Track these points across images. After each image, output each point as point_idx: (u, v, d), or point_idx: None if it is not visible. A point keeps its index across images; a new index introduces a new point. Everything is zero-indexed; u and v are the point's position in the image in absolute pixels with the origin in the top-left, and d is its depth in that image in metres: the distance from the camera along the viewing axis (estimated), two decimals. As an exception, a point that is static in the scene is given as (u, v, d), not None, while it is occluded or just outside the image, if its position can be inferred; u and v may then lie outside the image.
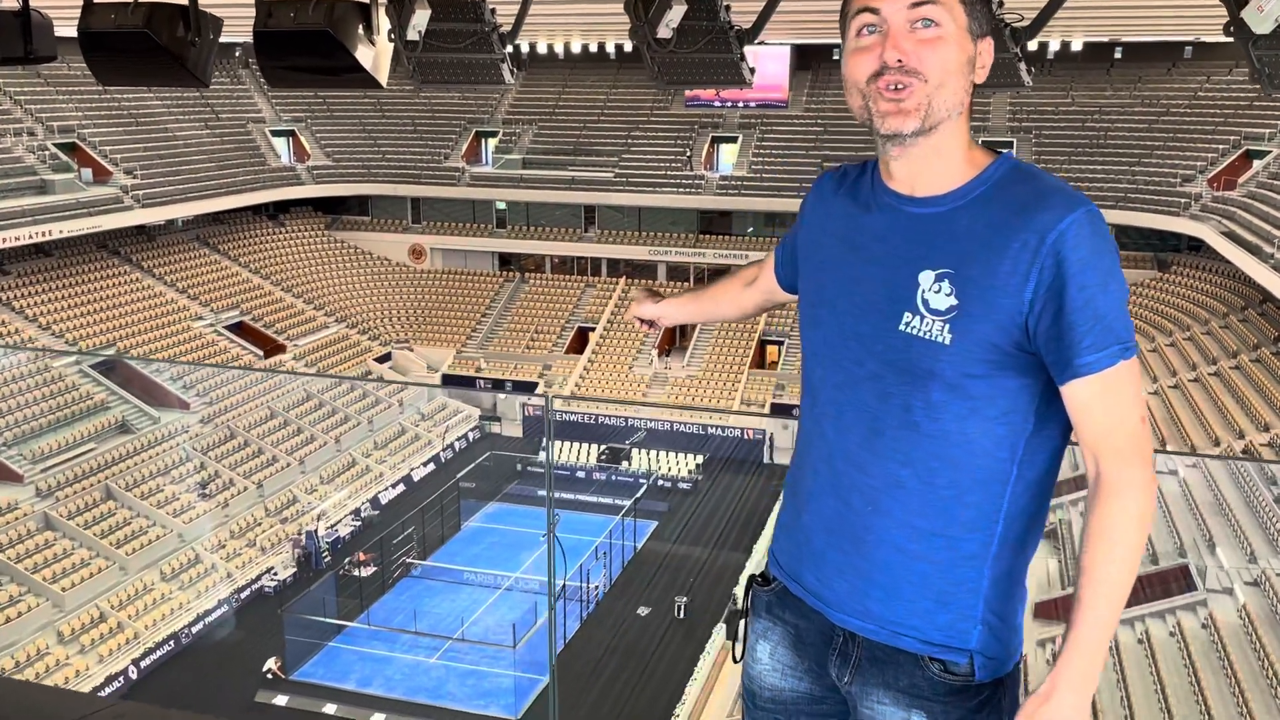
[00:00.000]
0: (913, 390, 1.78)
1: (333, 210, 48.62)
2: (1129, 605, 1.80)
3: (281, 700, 22.47)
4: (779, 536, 2.17)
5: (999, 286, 1.71)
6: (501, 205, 47.19)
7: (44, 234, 35.10)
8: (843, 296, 1.90)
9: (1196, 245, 37.21)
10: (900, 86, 1.73)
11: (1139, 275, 38.47)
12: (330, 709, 22.25)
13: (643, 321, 2.81)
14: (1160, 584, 21.28)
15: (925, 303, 1.76)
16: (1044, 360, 1.73)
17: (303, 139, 47.82)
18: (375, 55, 3.85)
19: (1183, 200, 37.29)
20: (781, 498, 2.18)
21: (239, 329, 39.63)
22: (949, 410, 1.77)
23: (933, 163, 1.81)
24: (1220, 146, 38.34)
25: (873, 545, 1.87)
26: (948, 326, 1.74)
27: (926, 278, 1.77)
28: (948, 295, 1.74)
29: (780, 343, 41.28)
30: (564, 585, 24.34)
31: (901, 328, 1.78)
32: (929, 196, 1.83)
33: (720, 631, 24.35)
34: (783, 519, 2.15)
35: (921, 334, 1.76)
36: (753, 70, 6.60)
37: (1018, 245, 1.70)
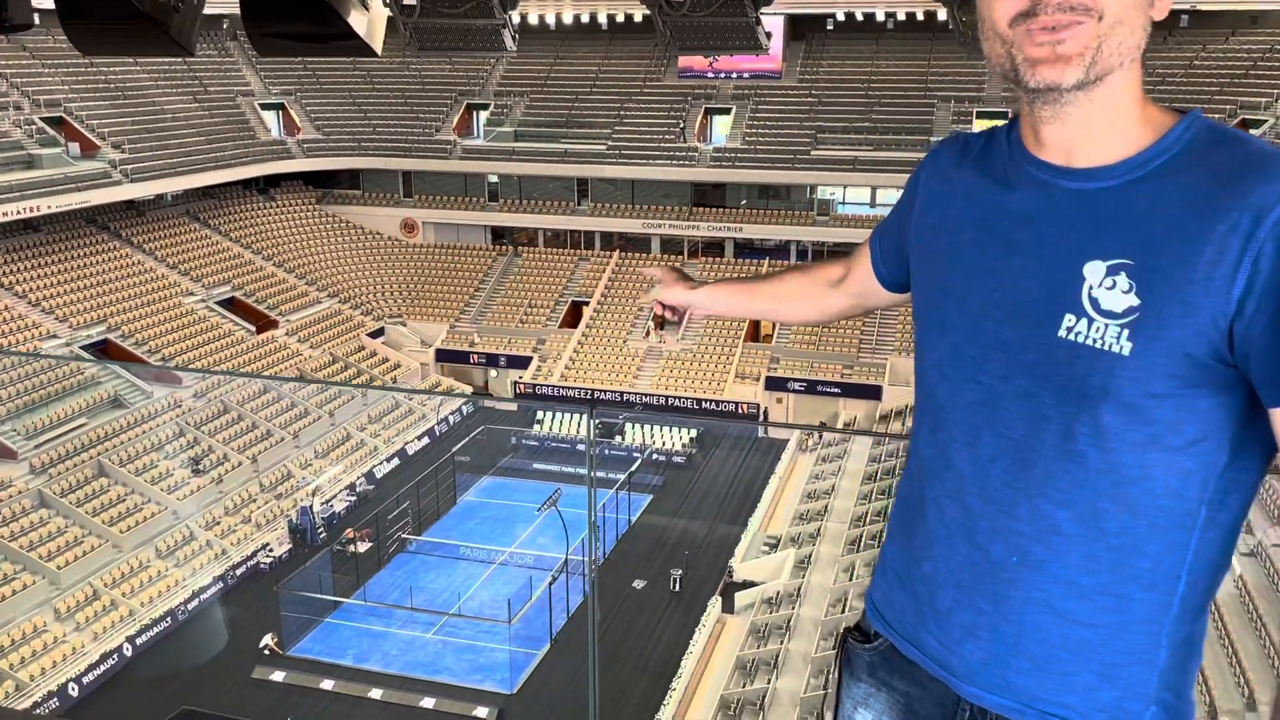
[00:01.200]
0: (1077, 412, 1.44)
1: (323, 184, 48.24)
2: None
3: (279, 676, 22.49)
4: (885, 584, 1.79)
5: (1198, 281, 1.35)
6: (494, 178, 46.87)
7: (32, 209, 34.76)
8: (979, 294, 1.55)
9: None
10: (1060, 27, 1.37)
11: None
12: (327, 684, 22.26)
13: (665, 308, 2.38)
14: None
15: (1094, 302, 1.42)
16: (1250, 375, 1.37)
17: (292, 112, 47.36)
18: (369, 21, 3.70)
19: (1179, 170, 37.10)
20: (886, 536, 1.83)
21: (231, 304, 39.39)
22: (1123, 438, 1.42)
23: (1098, 124, 1.45)
24: (1216, 116, 38.07)
25: (1019, 605, 1.54)
26: (1126, 332, 1.39)
27: (1095, 270, 1.42)
28: (1125, 292, 1.39)
29: (775, 315, 41.07)
30: (565, 559, 24.36)
31: (1062, 334, 1.44)
32: (1094, 168, 1.46)
33: (715, 604, 24.41)
34: (891, 564, 1.78)
35: (1090, 341, 1.42)
36: (769, 35, 6.42)
37: (1224, 228, 1.33)
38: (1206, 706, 17.92)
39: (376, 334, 41.72)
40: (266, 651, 23.16)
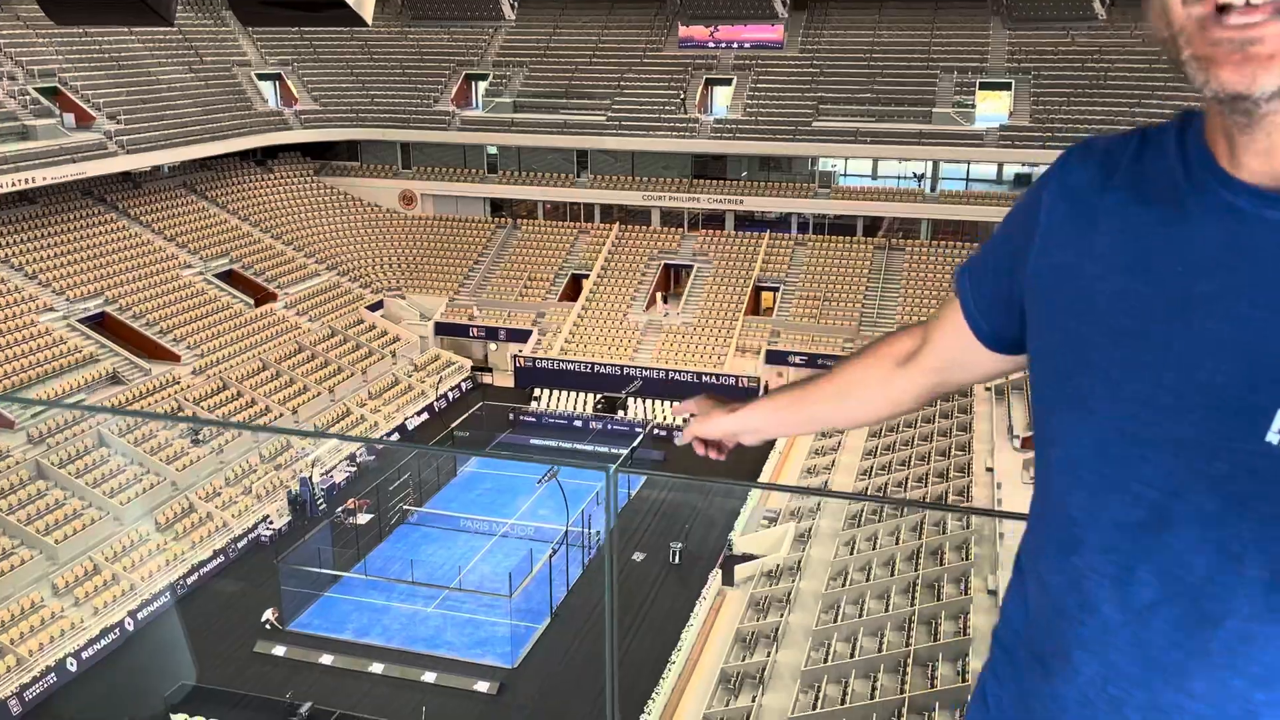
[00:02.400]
0: None
1: (321, 155, 47.89)
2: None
3: (280, 650, 22.51)
4: None
5: None
6: (492, 150, 46.52)
7: (27, 181, 34.48)
8: (1138, 370, 1.08)
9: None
10: (1257, 21, 0.93)
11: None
12: (327, 659, 22.28)
13: (707, 445, 1.97)
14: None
15: None
16: None
17: (289, 83, 46.92)
18: (360, -7, 3.56)
19: (1183, 142, 36.78)
20: (988, 669, 1.39)
21: (229, 277, 39.18)
22: None
23: None
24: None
25: None
26: None
27: None
28: None
29: (775, 289, 40.97)
30: (566, 531, 24.36)
31: (1273, 438, 0.98)
32: None
33: (715, 577, 24.41)
34: (998, 716, 1.34)
35: None
36: (785, 3, 6.18)
37: None
38: None
39: (375, 307, 41.55)
40: (268, 626, 23.20)
